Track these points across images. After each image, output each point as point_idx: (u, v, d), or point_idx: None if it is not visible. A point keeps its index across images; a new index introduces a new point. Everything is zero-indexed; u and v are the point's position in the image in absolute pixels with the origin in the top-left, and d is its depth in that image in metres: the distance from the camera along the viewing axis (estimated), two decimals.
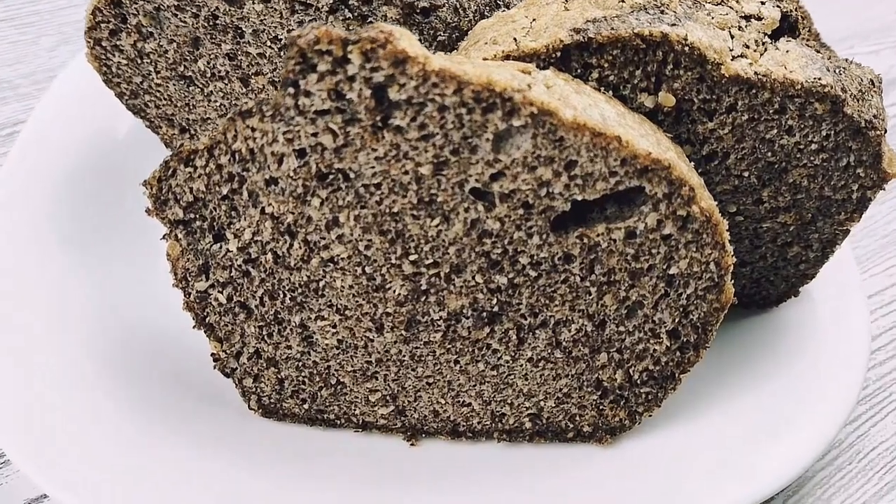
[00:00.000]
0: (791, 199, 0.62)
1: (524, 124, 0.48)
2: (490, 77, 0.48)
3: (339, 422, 0.63)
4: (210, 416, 0.62)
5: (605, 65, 0.56)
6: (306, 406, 0.62)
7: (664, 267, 0.54)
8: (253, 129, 0.51)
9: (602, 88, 0.56)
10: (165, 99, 0.76)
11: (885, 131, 0.59)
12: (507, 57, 0.56)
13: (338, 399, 0.62)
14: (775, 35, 0.60)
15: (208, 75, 0.71)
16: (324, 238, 0.54)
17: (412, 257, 0.54)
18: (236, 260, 0.56)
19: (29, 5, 1.15)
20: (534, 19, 0.58)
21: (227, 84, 0.72)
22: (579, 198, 0.51)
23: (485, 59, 0.56)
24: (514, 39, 0.57)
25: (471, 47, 0.59)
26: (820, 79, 0.57)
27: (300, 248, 0.55)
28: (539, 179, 0.50)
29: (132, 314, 0.69)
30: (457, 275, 0.55)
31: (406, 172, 0.51)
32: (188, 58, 0.70)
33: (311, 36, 0.47)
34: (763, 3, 0.60)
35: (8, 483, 0.62)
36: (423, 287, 0.55)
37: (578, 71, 0.56)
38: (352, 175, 0.51)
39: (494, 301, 0.56)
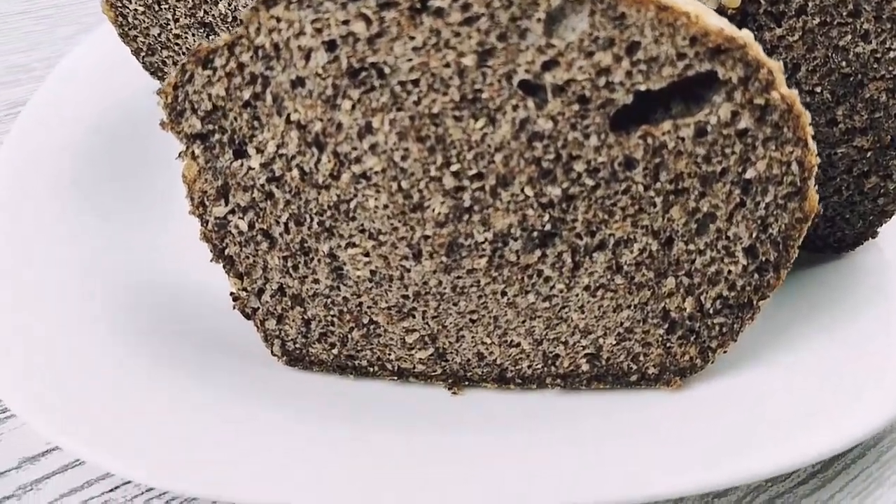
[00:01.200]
0: (868, 118, 0.56)
1: (580, 0, 0.43)
2: None
3: (372, 369, 0.56)
4: (230, 366, 0.56)
5: None
6: (336, 351, 0.56)
7: (740, 170, 0.47)
8: (278, 20, 0.46)
9: None
10: (185, 53, 0.71)
11: None
12: None
13: (371, 342, 0.55)
14: None
15: (230, 19, 0.67)
16: (355, 149, 0.49)
17: (454, 167, 0.48)
18: (259, 179, 0.51)
19: None
20: None
21: None
22: (643, 87, 0.45)
23: None
24: None
25: None
26: None
27: (329, 161, 0.49)
28: (597, 66, 0.45)
29: (143, 268, 0.64)
30: (504, 188, 0.49)
31: (447, 65, 0.46)
32: (208, 0, 0.66)
33: None
34: None
35: (1, 441, 0.56)
36: (466, 204, 0.49)
37: None
38: (387, 70, 0.46)
39: (546, 218, 0.49)
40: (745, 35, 0.45)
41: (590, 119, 0.46)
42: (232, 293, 0.55)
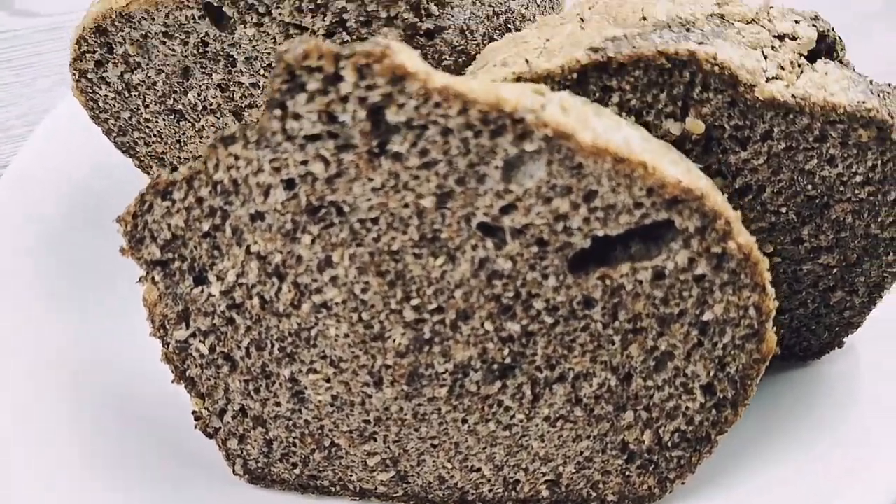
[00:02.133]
0: (834, 237, 0.56)
1: (538, 149, 0.43)
2: (499, 95, 0.42)
3: (333, 489, 0.56)
4: (191, 483, 0.56)
5: (627, 87, 0.51)
6: (297, 471, 0.56)
7: (697, 312, 0.47)
8: (236, 157, 0.46)
9: (623, 114, 0.51)
10: (155, 135, 0.71)
11: None
12: (518, 79, 0.51)
13: (332, 463, 0.55)
14: (811, 57, 0.55)
15: (199, 108, 0.67)
16: (316, 280, 0.48)
17: (414, 302, 0.48)
18: (219, 305, 0.51)
19: (30, 46, 1.12)
20: (547, 39, 0.53)
21: (219, 118, 0.67)
22: (600, 233, 0.45)
23: (493, 80, 0.52)
24: (526, 60, 0.52)
25: (479, 70, 0.54)
26: (864, 102, 0.51)
27: (290, 291, 0.49)
28: (555, 212, 0.45)
29: (109, 367, 0.63)
30: (464, 322, 0.49)
31: (406, 205, 0.46)
32: (178, 89, 0.66)
33: (300, 51, 0.42)
34: (797, 22, 0.55)
35: None
36: (427, 336, 0.49)
37: (597, 94, 0.51)
38: (346, 208, 0.46)
39: (506, 352, 0.49)
40: (704, 185, 0.45)
41: (548, 261, 0.46)
42: (194, 412, 0.55)
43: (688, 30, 0.52)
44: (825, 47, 0.56)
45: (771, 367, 0.61)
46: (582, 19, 0.55)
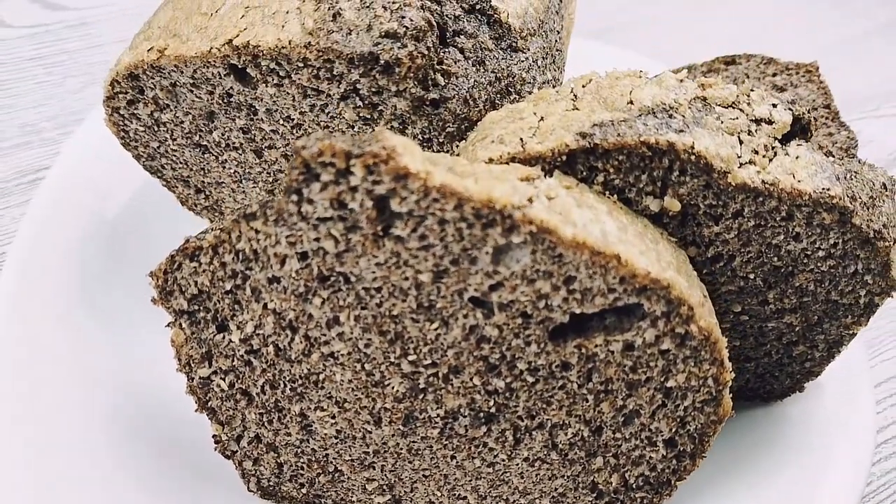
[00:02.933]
0: (797, 301, 0.62)
1: (523, 241, 0.49)
2: (490, 195, 0.48)
3: None
4: (211, 495, 0.63)
5: (611, 169, 0.56)
6: (304, 490, 0.63)
7: (662, 379, 0.53)
8: (256, 231, 0.52)
9: (607, 192, 0.56)
10: (181, 163, 0.77)
11: (894, 241, 0.59)
12: (512, 159, 0.56)
13: (335, 486, 0.62)
14: (786, 138, 0.59)
15: (223, 146, 0.72)
16: (324, 335, 0.55)
17: (411, 357, 0.54)
18: (238, 350, 0.57)
19: (59, 43, 1.17)
20: (542, 118, 0.58)
21: (240, 154, 0.73)
22: (577, 311, 0.51)
23: (491, 158, 0.57)
24: (521, 140, 0.57)
25: (478, 142, 0.59)
26: (829, 189, 0.56)
27: (301, 342, 0.55)
28: (538, 292, 0.51)
29: (144, 389, 0.70)
30: (455, 376, 0.55)
31: (406, 279, 0.51)
32: (203, 129, 0.71)
33: (315, 148, 0.47)
34: (775, 106, 0.60)
35: None
36: (421, 385, 0.56)
37: (584, 173, 0.56)
38: (352, 278, 0.52)
39: (491, 402, 0.56)
40: (669, 276, 0.50)
41: (531, 331, 0.52)
42: (214, 436, 0.62)
43: (671, 116, 0.57)
44: (800, 128, 0.61)
45: (736, 406, 0.67)
46: (575, 97, 0.59)
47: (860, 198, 0.58)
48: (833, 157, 0.61)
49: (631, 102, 0.58)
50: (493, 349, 0.53)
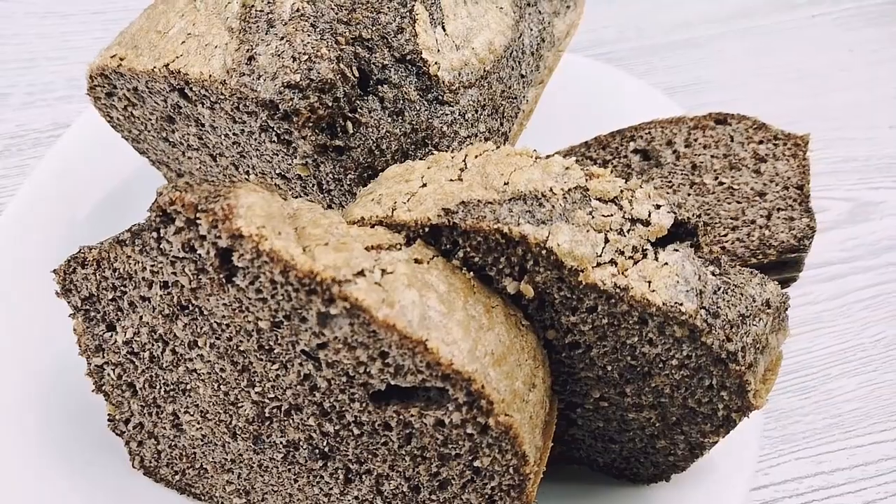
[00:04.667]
0: (654, 400, 0.62)
1: (341, 313, 0.52)
2: (313, 267, 0.51)
3: (203, 498, 0.70)
4: (104, 464, 0.71)
5: (469, 248, 0.58)
6: (177, 477, 0.70)
7: (470, 458, 0.56)
8: (128, 256, 0.57)
9: (464, 268, 0.58)
10: (160, 150, 0.83)
11: (751, 365, 0.58)
12: (380, 222, 0.59)
13: (202, 480, 0.69)
14: (664, 241, 0.59)
15: (185, 146, 0.78)
16: (187, 353, 0.60)
17: (257, 388, 0.59)
18: (123, 349, 0.64)
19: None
20: (424, 184, 0.60)
21: (200, 154, 0.78)
22: (393, 382, 0.54)
23: (362, 217, 0.60)
24: (394, 204, 0.59)
25: (364, 196, 0.62)
26: (680, 304, 0.56)
27: (170, 355, 0.61)
28: (357, 359, 0.54)
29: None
30: (294, 412, 0.60)
31: (248, 322, 0.56)
32: (167, 128, 0.77)
33: (167, 198, 0.52)
34: (658, 207, 0.59)
35: None
36: (267, 414, 0.61)
37: (447, 246, 0.58)
38: (206, 311, 0.57)
39: (325, 443, 0.60)
40: (473, 368, 0.52)
41: (354, 390, 0.56)
42: (109, 415, 0.69)
43: (540, 204, 0.58)
44: (684, 232, 0.60)
45: (606, 480, 0.69)
46: (464, 167, 0.61)
47: (725, 315, 0.57)
48: (720, 266, 0.60)
49: (507, 184, 0.59)
50: (324, 397, 0.57)
